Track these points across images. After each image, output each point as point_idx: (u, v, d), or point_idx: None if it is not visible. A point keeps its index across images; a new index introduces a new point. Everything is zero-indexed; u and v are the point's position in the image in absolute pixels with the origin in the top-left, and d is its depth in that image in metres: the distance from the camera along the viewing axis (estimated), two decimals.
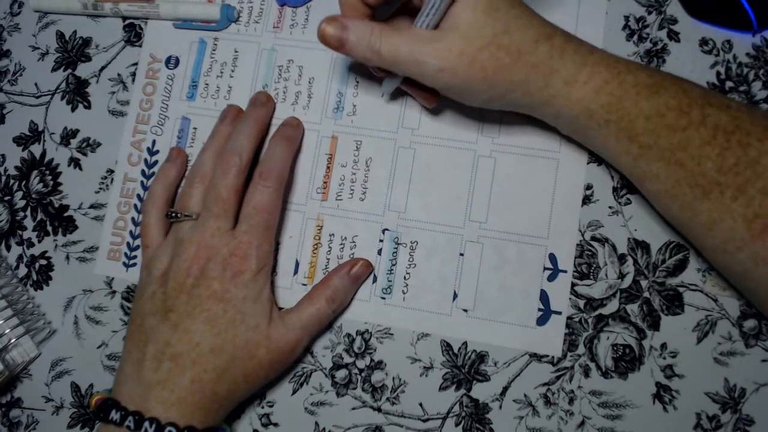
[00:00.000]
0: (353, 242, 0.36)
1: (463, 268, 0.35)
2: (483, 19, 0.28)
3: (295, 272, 0.37)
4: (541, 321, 0.34)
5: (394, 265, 0.36)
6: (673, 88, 0.28)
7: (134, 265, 0.38)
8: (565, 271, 0.34)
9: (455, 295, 0.35)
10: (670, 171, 0.28)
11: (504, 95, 0.30)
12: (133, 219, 0.39)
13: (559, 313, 0.34)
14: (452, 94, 0.31)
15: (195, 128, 0.39)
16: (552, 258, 0.35)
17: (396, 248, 0.36)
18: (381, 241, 0.36)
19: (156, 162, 0.39)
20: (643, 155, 0.29)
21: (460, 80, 0.29)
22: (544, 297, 0.34)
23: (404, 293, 0.36)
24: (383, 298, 0.36)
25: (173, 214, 0.34)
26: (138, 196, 0.39)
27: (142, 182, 0.39)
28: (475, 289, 0.35)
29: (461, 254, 0.35)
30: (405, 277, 0.36)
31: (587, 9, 0.37)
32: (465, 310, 0.35)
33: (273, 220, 0.34)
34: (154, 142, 0.39)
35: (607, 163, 0.35)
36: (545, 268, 0.35)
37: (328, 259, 0.36)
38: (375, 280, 0.36)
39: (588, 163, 0.35)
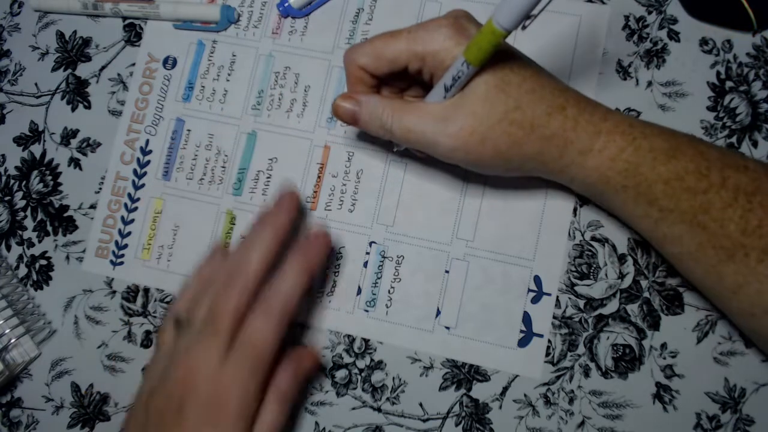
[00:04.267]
0: (339, 253, 0.36)
1: (448, 285, 0.35)
2: (495, 96, 0.28)
3: None
4: (523, 343, 0.34)
5: (379, 278, 0.36)
6: (690, 152, 0.28)
7: (122, 263, 0.38)
8: (549, 294, 0.34)
9: (438, 312, 0.35)
10: (693, 233, 0.28)
11: (519, 167, 0.30)
12: (122, 218, 0.39)
13: (541, 335, 0.34)
14: (467, 167, 0.31)
15: (189, 130, 0.39)
16: (537, 280, 0.35)
17: (382, 261, 0.36)
18: (367, 253, 0.36)
19: (148, 162, 0.39)
20: (664, 219, 0.28)
21: (474, 158, 0.29)
22: (526, 319, 0.34)
23: (387, 307, 0.36)
24: (366, 311, 0.36)
25: (178, 321, 0.32)
26: (129, 195, 0.39)
27: (133, 181, 0.39)
28: (458, 307, 0.35)
29: (446, 271, 0.35)
30: (389, 291, 0.36)
31: (588, 9, 0.37)
32: (447, 328, 0.35)
33: (268, 355, 0.29)
34: (147, 141, 0.39)
35: None
36: (529, 290, 0.35)
37: None
38: (359, 292, 0.36)
39: None
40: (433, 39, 0.28)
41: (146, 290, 0.38)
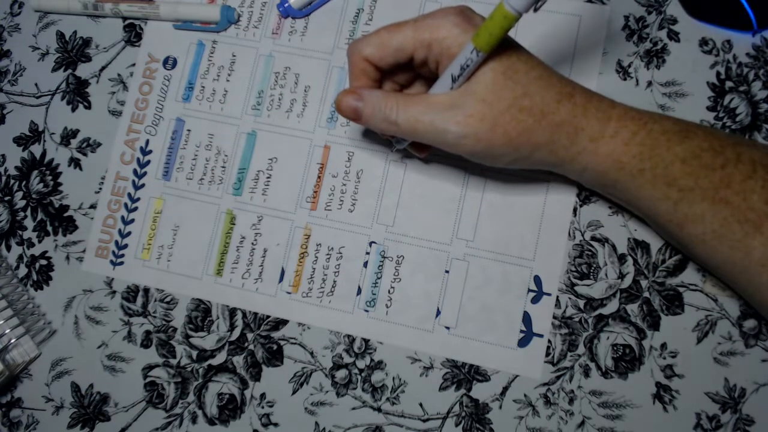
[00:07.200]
0: (340, 253, 0.36)
1: (448, 285, 0.35)
2: (503, 82, 0.27)
3: (281, 280, 0.37)
4: (523, 343, 0.34)
5: (379, 278, 0.36)
6: (701, 132, 0.28)
7: (122, 263, 0.38)
8: (549, 294, 0.34)
9: (438, 312, 0.35)
10: (716, 210, 0.27)
11: (528, 156, 0.29)
12: (122, 218, 0.39)
13: (541, 335, 0.34)
14: (476, 158, 0.30)
15: (189, 130, 0.39)
16: (537, 280, 0.35)
17: (382, 261, 0.36)
18: (367, 253, 0.36)
19: (148, 162, 0.39)
20: (684, 198, 0.28)
21: (484, 145, 0.28)
22: (526, 319, 0.34)
23: (387, 307, 0.36)
24: (366, 311, 0.36)
25: None
26: (129, 195, 0.39)
27: (133, 181, 0.39)
28: (458, 307, 0.35)
29: (446, 271, 0.35)
30: (389, 291, 0.36)
31: (588, 9, 0.37)
32: (447, 328, 0.35)
33: None
34: (147, 141, 0.39)
35: None
36: (529, 290, 0.35)
37: (314, 268, 0.36)
38: (359, 292, 0.36)
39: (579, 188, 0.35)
40: (440, 26, 0.28)
41: (146, 290, 0.38)
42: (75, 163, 0.40)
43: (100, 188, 0.39)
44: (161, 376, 0.37)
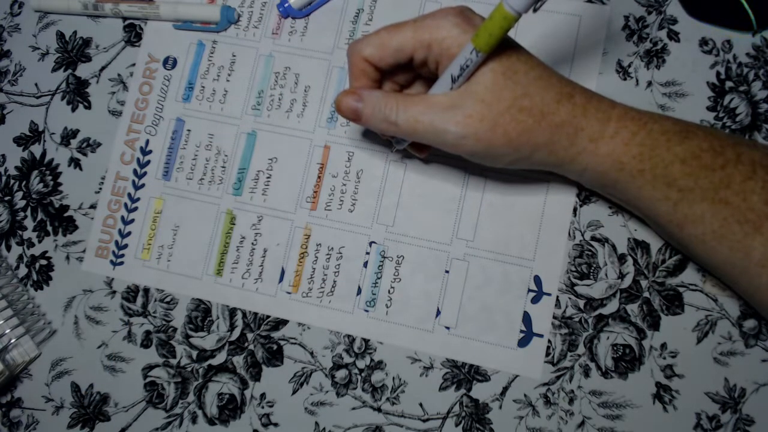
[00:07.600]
0: (340, 253, 0.36)
1: (448, 285, 0.35)
2: (503, 83, 0.27)
3: (281, 280, 0.37)
4: (523, 343, 0.34)
5: (379, 278, 0.36)
6: (701, 132, 0.28)
7: (122, 263, 0.38)
8: (549, 294, 0.34)
9: (438, 312, 0.35)
10: (716, 210, 0.28)
11: (528, 157, 0.29)
12: (122, 218, 0.39)
13: (541, 335, 0.34)
14: (476, 159, 0.30)
15: (189, 130, 0.39)
16: (537, 280, 0.35)
17: (382, 261, 0.36)
18: (367, 253, 0.36)
19: (148, 162, 0.39)
20: (684, 198, 0.28)
21: (484, 145, 0.28)
22: (526, 319, 0.34)
23: (387, 307, 0.36)
24: (366, 311, 0.36)
25: None
26: (129, 195, 0.39)
27: (133, 181, 0.39)
28: (458, 307, 0.35)
29: (446, 271, 0.35)
30: (389, 291, 0.36)
31: (588, 9, 0.37)
32: (447, 328, 0.35)
33: None
34: (147, 141, 0.39)
35: None
36: (529, 290, 0.35)
37: (314, 268, 0.36)
38: (359, 292, 0.36)
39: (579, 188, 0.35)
40: (440, 26, 0.28)
41: (146, 290, 0.38)
42: (75, 163, 0.40)
43: (100, 188, 0.40)
44: (161, 376, 0.37)
